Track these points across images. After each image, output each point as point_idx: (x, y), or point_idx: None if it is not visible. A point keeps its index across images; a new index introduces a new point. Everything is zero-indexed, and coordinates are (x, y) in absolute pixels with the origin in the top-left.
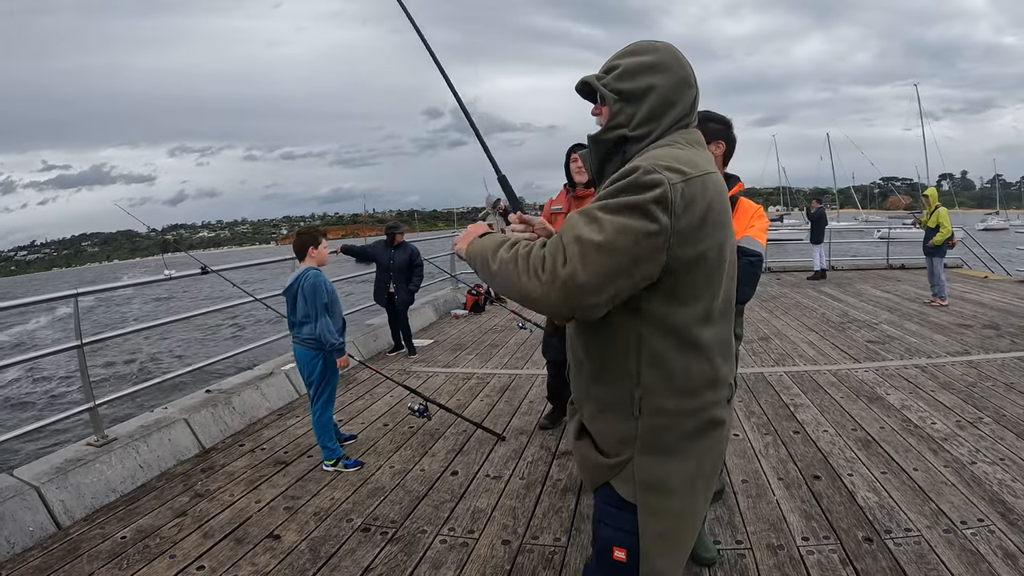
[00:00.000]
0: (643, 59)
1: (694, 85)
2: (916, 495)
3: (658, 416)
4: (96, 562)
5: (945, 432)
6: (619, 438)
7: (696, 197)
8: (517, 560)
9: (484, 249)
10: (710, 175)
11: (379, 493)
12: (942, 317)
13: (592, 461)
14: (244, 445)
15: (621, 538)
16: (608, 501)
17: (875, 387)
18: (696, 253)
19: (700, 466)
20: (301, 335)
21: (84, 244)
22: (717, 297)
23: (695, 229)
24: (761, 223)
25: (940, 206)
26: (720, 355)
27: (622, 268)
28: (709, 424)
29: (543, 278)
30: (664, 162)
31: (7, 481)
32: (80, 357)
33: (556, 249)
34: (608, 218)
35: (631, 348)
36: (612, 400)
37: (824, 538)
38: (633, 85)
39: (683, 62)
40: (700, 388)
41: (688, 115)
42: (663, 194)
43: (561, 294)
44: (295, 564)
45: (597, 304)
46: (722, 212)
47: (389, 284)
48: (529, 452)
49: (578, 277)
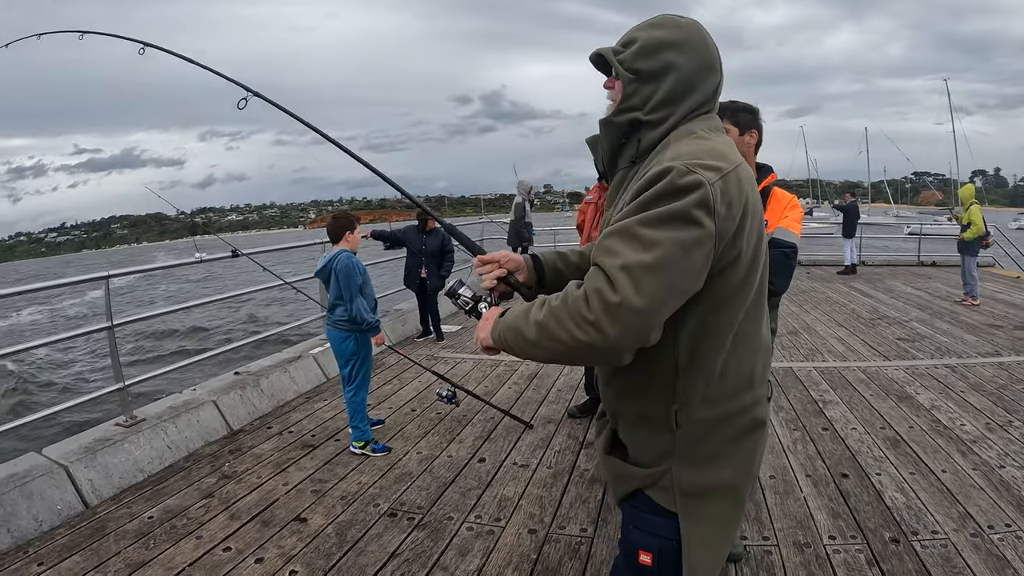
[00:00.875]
0: (665, 34)
1: (719, 71)
2: (944, 497)
3: (696, 425)
4: (123, 541)
5: (974, 434)
6: (657, 451)
7: (734, 194)
8: (543, 549)
9: (513, 323)
10: (741, 167)
11: (406, 478)
12: (973, 317)
13: (625, 474)
14: (272, 427)
15: (649, 543)
16: (640, 506)
17: (905, 386)
18: (735, 254)
19: (741, 469)
20: (334, 317)
21: (114, 226)
22: (751, 295)
23: (736, 229)
24: (795, 214)
25: (975, 203)
26: (755, 353)
27: (678, 285)
28: (749, 426)
29: (591, 317)
30: (697, 159)
31: (36, 460)
32: (111, 338)
33: (598, 282)
34: (652, 233)
35: (665, 358)
36: (647, 413)
37: (851, 537)
38: (651, 64)
39: (709, 44)
40: (738, 390)
41: (709, 102)
42: (704, 196)
43: (619, 327)
44: (321, 547)
45: (654, 330)
46: (756, 205)
47: (421, 269)
48: (557, 441)
49: (634, 304)
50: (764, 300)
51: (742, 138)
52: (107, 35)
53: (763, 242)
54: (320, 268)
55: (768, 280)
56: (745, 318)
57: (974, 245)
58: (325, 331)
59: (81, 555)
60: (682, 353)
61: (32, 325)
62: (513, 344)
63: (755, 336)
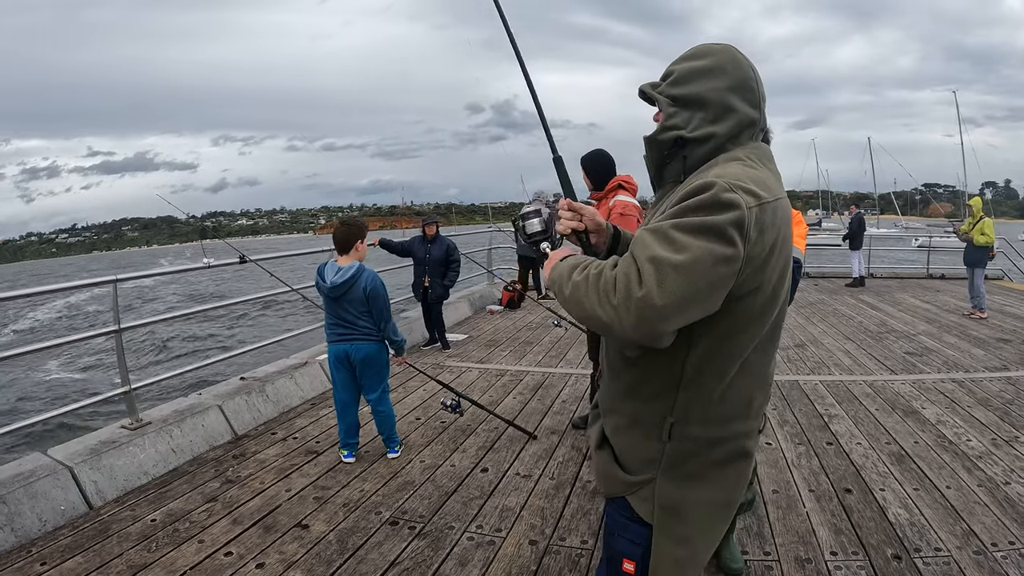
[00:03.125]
0: (697, 64)
1: (754, 88)
2: (948, 514)
3: (686, 442)
4: (125, 543)
5: (980, 450)
6: (643, 458)
7: (768, 224)
8: (543, 561)
9: (561, 275)
10: (781, 200)
11: (409, 487)
12: (981, 330)
13: (611, 474)
14: (276, 433)
15: (632, 551)
16: (623, 513)
17: (911, 400)
18: (758, 283)
19: (721, 495)
20: (359, 330)
21: (124, 228)
22: (766, 326)
23: (764, 258)
24: (800, 229)
25: (985, 216)
26: (759, 386)
27: (700, 293)
28: (736, 455)
29: (615, 301)
30: (740, 182)
31: (41, 460)
32: (117, 341)
33: (629, 269)
34: (685, 238)
35: (673, 371)
36: (642, 419)
37: (853, 553)
38: (687, 91)
39: (742, 64)
40: (733, 418)
41: (754, 122)
42: (740, 217)
43: (635, 318)
44: (322, 554)
45: (669, 331)
46: (787, 240)
47: (424, 278)
48: (560, 452)
49: (655, 300)
50: (778, 335)
51: None
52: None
53: (786, 279)
54: (338, 283)
55: None
56: (756, 348)
57: (982, 257)
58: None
59: (83, 556)
60: (689, 369)
61: (45, 324)
62: (556, 289)
63: (762, 368)
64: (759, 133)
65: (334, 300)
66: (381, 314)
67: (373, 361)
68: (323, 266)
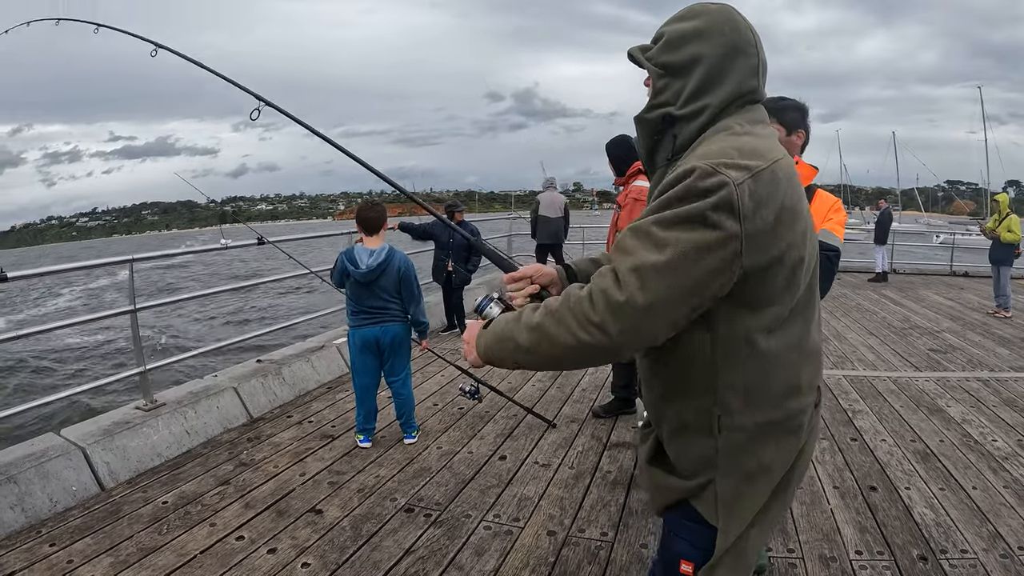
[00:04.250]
0: (689, 24)
1: (754, 53)
2: (974, 515)
3: (738, 432)
4: (136, 525)
5: (1006, 451)
6: (699, 458)
7: (766, 194)
8: (562, 552)
9: (503, 332)
10: (778, 162)
11: (425, 474)
12: (1006, 329)
13: (667, 485)
14: (292, 416)
15: (692, 553)
16: (684, 515)
17: (936, 398)
18: (771, 257)
19: (783, 481)
20: (389, 312)
21: (144, 213)
22: (795, 298)
23: (769, 231)
24: (839, 216)
25: (1012, 213)
26: (803, 359)
27: (688, 289)
28: (794, 435)
29: (596, 319)
30: (724, 158)
31: (54, 440)
32: (133, 322)
33: (605, 281)
34: (665, 234)
35: (702, 362)
36: (688, 419)
37: (878, 553)
38: (678, 56)
39: (739, 26)
40: (781, 397)
41: (752, 91)
42: (727, 196)
43: (622, 326)
44: (335, 540)
45: (659, 332)
46: (797, 203)
47: (448, 262)
48: (579, 441)
49: (637, 301)
50: (815, 304)
51: (789, 139)
52: (120, 31)
53: (811, 242)
54: (374, 266)
55: None
56: (791, 319)
57: (1008, 255)
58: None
59: (93, 537)
60: (719, 356)
61: (63, 309)
62: (504, 354)
63: (803, 341)
64: (756, 99)
65: (365, 285)
66: (413, 295)
67: (403, 343)
68: (350, 251)
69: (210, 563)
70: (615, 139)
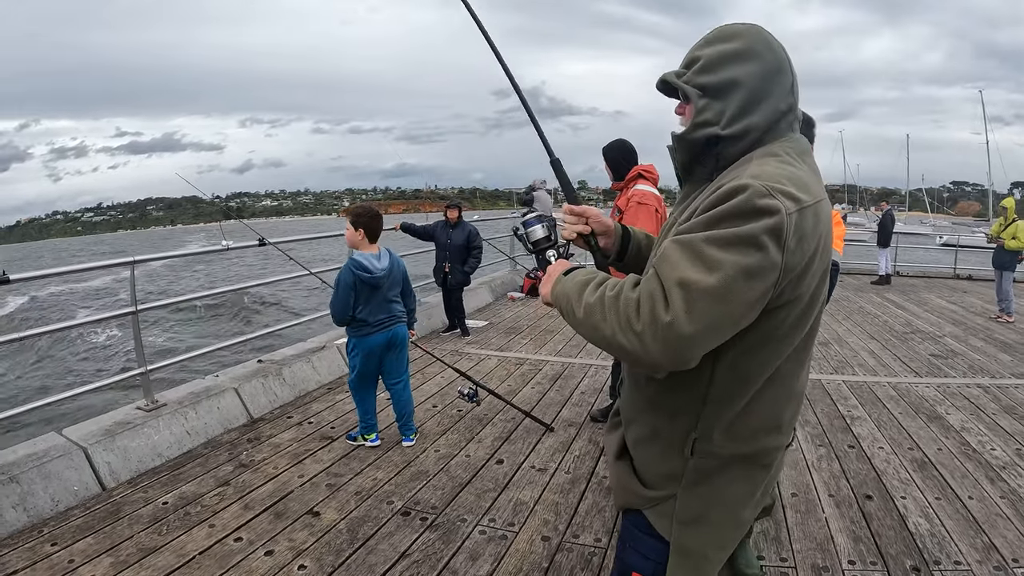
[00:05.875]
0: (727, 47)
1: (789, 71)
2: (969, 526)
3: (710, 459)
4: (136, 525)
5: (1004, 460)
6: (664, 473)
7: (808, 231)
8: (556, 558)
9: (568, 293)
10: (822, 203)
11: (422, 477)
12: (1008, 335)
13: (629, 488)
14: (292, 417)
15: (644, 565)
16: (638, 526)
17: (935, 405)
18: (796, 293)
19: (742, 512)
20: (396, 314)
21: (149, 208)
22: (800, 338)
23: (803, 268)
24: (839, 230)
25: (1018, 219)
26: (789, 399)
27: (732, 314)
28: (765, 469)
29: (638, 328)
30: (778, 184)
31: (55, 440)
32: (134, 323)
33: (654, 292)
34: (717, 254)
35: (699, 386)
36: (664, 433)
37: (871, 563)
38: (717, 78)
39: (773, 45)
40: (761, 433)
41: (790, 108)
42: (779, 224)
43: (662, 345)
44: (332, 543)
45: (696, 357)
46: (828, 246)
47: (445, 263)
48: (577, 446)
49: (683, 328)
50: (811, 346)
51: None
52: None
53: (824, 285)
54: (388, 268)
55: None
56: (788, 360)
57: (1011, 260)
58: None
59: (94, 537)
60: (716, 383)
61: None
62: (563, 310)
63: (793, 381)
64: (796, 122)
65: (378, 288)
66: (410, 290)
67: (405, 342)
68: (360, 259)
69: (208, 564)
70: (613, 143)
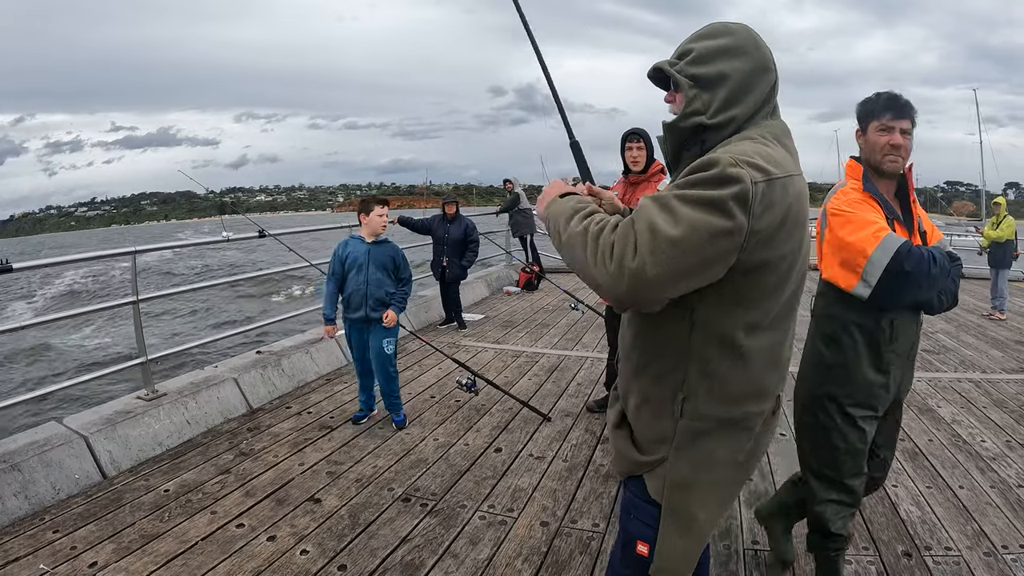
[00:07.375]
0: (718, 42)
1: (773, 69)
2: (959, 513)
3: (698, 420)
4: (138, 513)
5: (994, 451)
6: (657, 436)
7: (776, 200)
8: (554, 543)
9: (558, 214)
10: (793, 177)
11: (422, 464)
12: (1000, 332)
13: (626, 454)
14: (291, 407)
15: (646, 532)
16: (637, 494)
17: (927, 398)
18: (765, 258)
19: (730, 475)
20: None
21: (143, 203)
22: (778, 305)
23: (771, 234)
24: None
25: (1008, 216)
26: (770, 365)
27: (692, 267)
28: (747, 435)
29: (610, 268)
30: (747, 157)
31: (56, 429)
32: (135, 312)
33: (627, 237)
34: (684, 210)
35: (679, 347)
36: (655, 396)
37: (863, 548)
38: (708, 70)
39: (760, 45)
40: (743, 397)
41: (769, 101)
42: (743, 191)
43: (626, 286)
44: (333, 529)
45: (660, 300)
46: (800, 218)
47: (443, 257)
48: (574, 435)
49: (647, 272)
50: (792, 320)
51: None
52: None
53: (803, 261)
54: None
55: None
56: (768, 326)
57: (1006, 257)
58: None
59: (96, 524)
60: (696, 343)
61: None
62: (551, 232)
63: (776, 350)
64: (775, 111)
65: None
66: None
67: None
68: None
69: (211, 550)
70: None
